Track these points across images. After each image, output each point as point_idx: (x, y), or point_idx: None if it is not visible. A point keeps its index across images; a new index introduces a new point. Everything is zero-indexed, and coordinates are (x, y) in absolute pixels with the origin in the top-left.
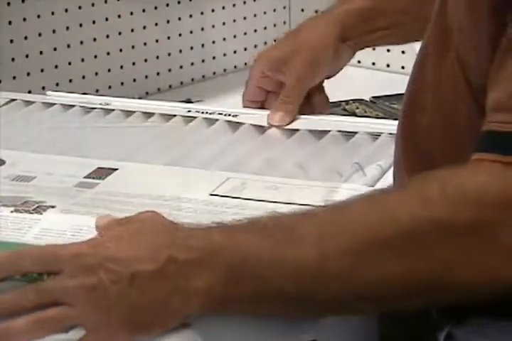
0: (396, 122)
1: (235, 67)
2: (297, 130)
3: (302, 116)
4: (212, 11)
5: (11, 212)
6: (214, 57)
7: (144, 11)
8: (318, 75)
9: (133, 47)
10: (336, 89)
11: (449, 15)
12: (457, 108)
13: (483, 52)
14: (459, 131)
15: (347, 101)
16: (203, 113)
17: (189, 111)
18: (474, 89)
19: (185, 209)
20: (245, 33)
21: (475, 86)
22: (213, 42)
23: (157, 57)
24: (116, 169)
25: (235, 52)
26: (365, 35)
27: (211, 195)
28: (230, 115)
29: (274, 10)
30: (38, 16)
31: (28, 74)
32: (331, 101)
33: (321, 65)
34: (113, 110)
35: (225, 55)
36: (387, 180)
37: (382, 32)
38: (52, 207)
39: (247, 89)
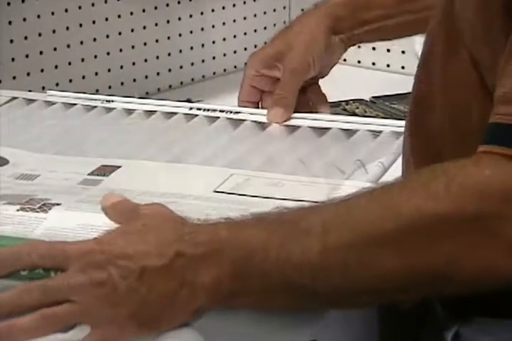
0: (397, 122)
1: (235, 67)
2: (298, 127)
3: (303, 115)
4: (212, 11)
5: (17, 210)
6: (214, 57)
7: (144, 11)
8: (312, 68)
9: (133, 47)
10: (335, 89)
11: (456, 15)
12: (470, 108)
13: (498, 50)
14: (470, 130)
15: (347, 101)
16: (204, 110)
17: (191, 108)
18: (489, 89)
19: (189, 206)
20: (245, 33)
21: (490, 85)
22: (213, 42)
23: (157, 57)
24: (120, 166)
25: (235, 52)
26: (355, 28)
27: (215, 191)
28: (231, 112)
29: (274, 10)
30: (38, 16)
31: (28, 74)
32: (331, 101)
33: (315, 57)
34: (114, 108)
35: (225, 55)
36: (389, 178)
37: (371, 25)
38: (58, 204)
39: (241, 89)
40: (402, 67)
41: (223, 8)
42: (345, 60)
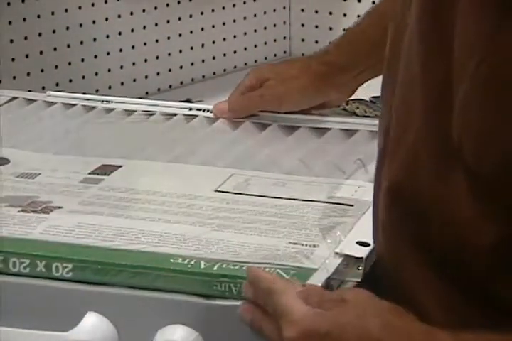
0: None
1: (235, 67)
2: (298, 127)
3: (303, 115)
4: (212, 11)
5: (18, 211)
6: (214, 57)
7: (144, 11)
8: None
9: (133, 47)
10: None
11: (455, 123)
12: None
13: None
14: None
15: (347, 101)
16: (204, 111)
17: (190, 109)
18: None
19: (190, 206)
20: (245, 33)
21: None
22: (213, 42)
23: (157, 57)
24: (121, 166)
25: (235, 52)
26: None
27: (216, 191)
28: None
29: (274, 10)
30: (38, 16)
31: (28, 74)
32: None
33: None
34: (114, 108)
35: (225, 55)
36: None
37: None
38: (59, 207)
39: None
40: None
41: (223, 8)
42: None
